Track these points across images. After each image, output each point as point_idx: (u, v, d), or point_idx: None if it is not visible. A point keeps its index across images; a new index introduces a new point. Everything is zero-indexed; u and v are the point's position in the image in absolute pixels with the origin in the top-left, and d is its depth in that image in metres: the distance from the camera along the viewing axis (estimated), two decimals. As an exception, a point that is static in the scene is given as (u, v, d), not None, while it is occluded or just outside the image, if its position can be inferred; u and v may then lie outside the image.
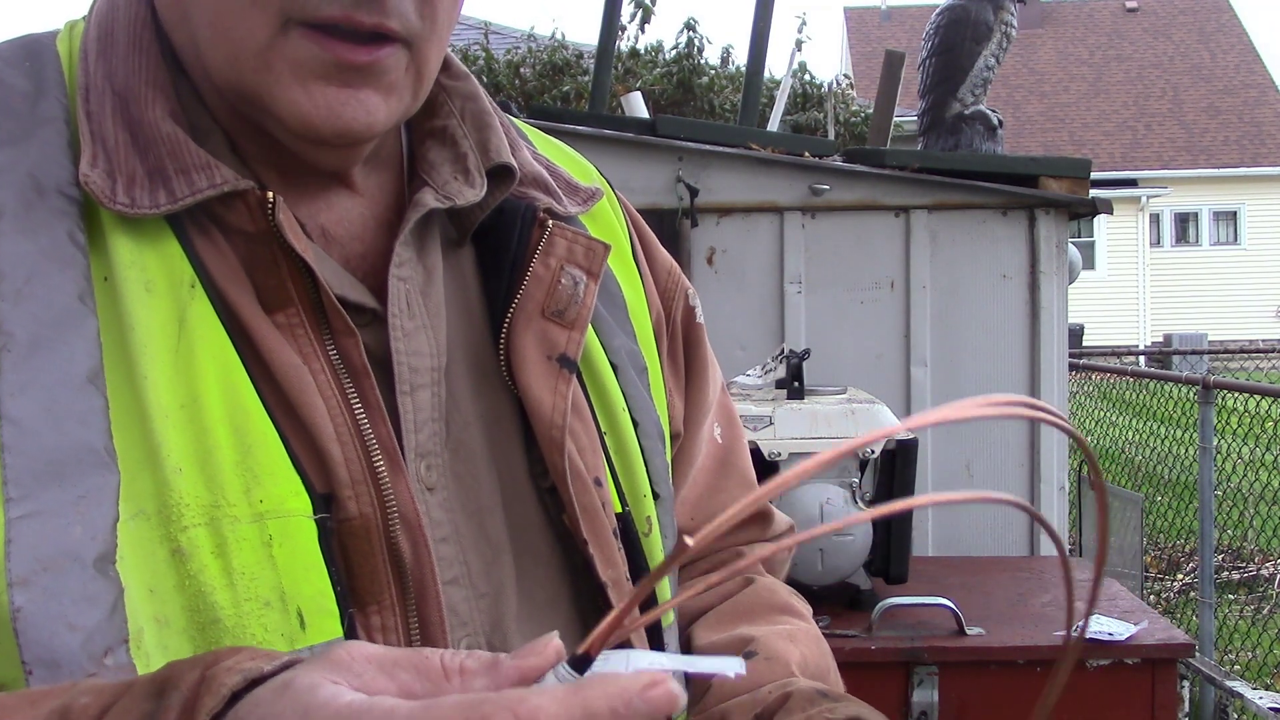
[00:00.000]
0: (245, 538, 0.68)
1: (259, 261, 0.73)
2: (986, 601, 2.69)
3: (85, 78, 0.74)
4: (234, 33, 0.70)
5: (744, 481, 1.05)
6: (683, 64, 10.69)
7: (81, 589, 0.64)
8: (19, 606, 0.63)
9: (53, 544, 0.65)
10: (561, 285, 0.84)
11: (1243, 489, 7.03)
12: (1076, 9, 30.51)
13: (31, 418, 0.67)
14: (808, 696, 0.88)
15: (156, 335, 0.70)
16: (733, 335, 3.44)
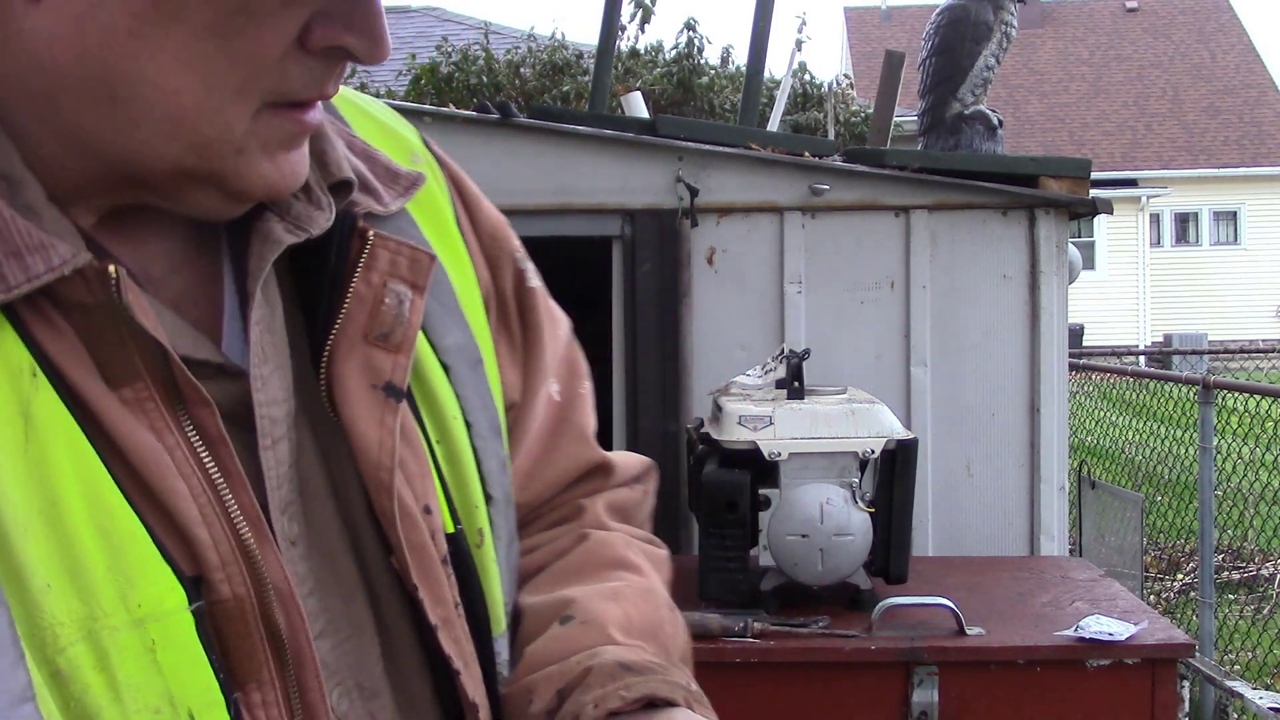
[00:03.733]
0: (127, 647, 0.65)
1: (99, 336, 0.68)
2: (986, 601, 2.69)
3: None
4: (210, 125, 0.68)
5: (579, 437, 1.01)
6: (683, 64, 10.68)
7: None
8: None
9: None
10: (385, 305, 0.79)
11: (1243, 489, 7.03)
12: (1076, 9, 30.50)
13: None
14: (608, 671, 0.85)
15: (2, 435, 0.63)
16: (733, 335, 3.44)
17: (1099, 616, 2.49)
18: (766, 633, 2.44)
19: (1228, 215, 26.25)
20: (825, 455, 2.58)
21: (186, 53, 0.66)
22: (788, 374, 2.74)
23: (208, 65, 0.67)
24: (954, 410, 3.44)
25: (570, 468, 1.00)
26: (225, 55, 0.67)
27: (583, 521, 0.99)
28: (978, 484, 3.45)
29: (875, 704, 2.43)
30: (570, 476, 1.01)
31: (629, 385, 3.42)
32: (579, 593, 0.92)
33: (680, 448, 3.21)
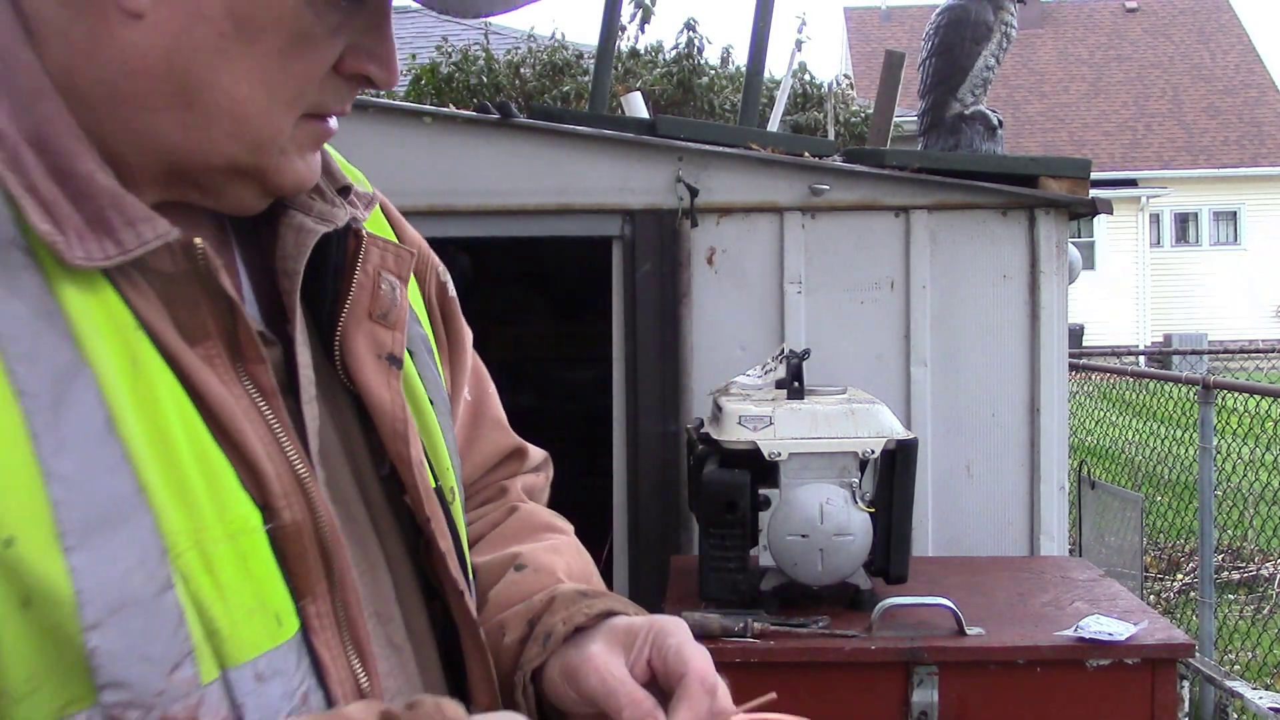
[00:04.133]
0: (226, 556, 0.78)
1: (178, 299, 0.81)
2: (986, 601, 2.69)
3: None
4: (263, 128, 0.82)
5: (497, 425, 1.20)
6: (683, 64, 10.68)
7: (145, 625, 0.74)
8: (94, 646, 0.72)
9: (116, 589, 0.73)
10: (382, 291, 0.95)
11: (1243, 489, 7.03)
12: (1076, 9, 30.50)
13: (74, 473, 0.73)
14: (569, 597, 1.02)
15: (120, 379, 0.76)
16: (733, 335, 3.44)
17: (1099, 616, 2.49)
18: (766, 633, 2.44)
19: (1228, 215, 26.25)
20: (825, 455, 2.58)
21: (257, 69, 0.81)
22: (788, 374, 2.74)
23: (271, 79, 0.82)
24: (954, 410, 3.44)
25: (492, 452, 1.20)
26: (285, 72, 0.82)
27: (508, 499, 1.19)
28: (978, 484, 3.45)
29: (875, 704, 2.43)
30: (493, 460, 1.20)
31: (629, 385, 3.42)
32: (524, 548, 1.10)
33: (680, 448, 3.21)
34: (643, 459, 3.38)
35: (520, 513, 1.17)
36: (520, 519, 1.16)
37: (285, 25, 0.81)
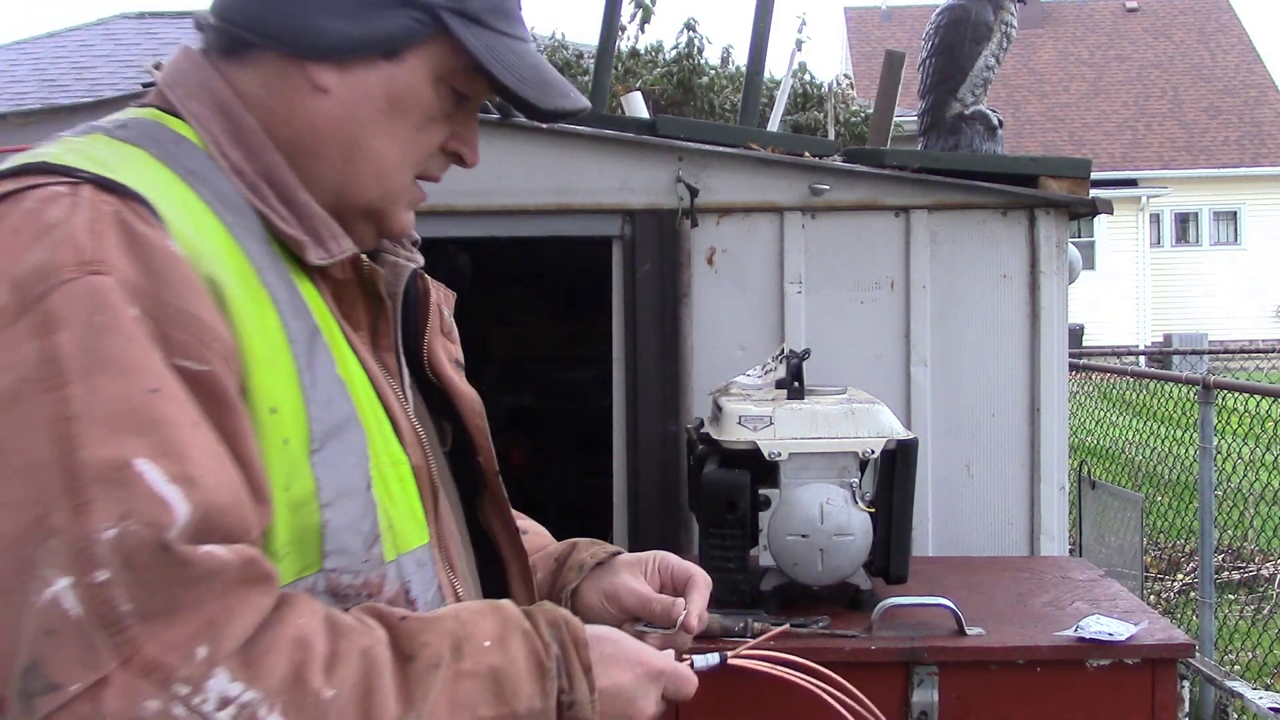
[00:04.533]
0: (394, 476, 1.11)
1: (344, 298, 1.13)
2: (986, 601, 2.69)
3: (230, 163, 1.09)
4: (395, 182, 1.16)
5: None
6: (683, 64, 10.68)
7: (359, 508, 1.05)
8: (326, 520, 1.02)
9: (343, 479, 1.04)
10: (444, 315, 1.30)
11: (1243, 489, 7.03)
12: (1076, 9, 30.50)
13: (321, 398, 1.04)
14: (587, 543, 1.39)
15: (332, 343, 1.08)
16: (733, 335, 3.44)
17: (1099, 616, 2.49)
18: (767, 633, 2.44)
19: (1228, 215, 26.24)
20: (825, 455, 2.58)
21: (399, 137, 1.14)
22: (788, 374, 2.74)
23: (406, 146, 1.15)
24: (954, 410, 3.44)
25: None
26: (414, 143, 1.15)
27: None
28: (978, 484, 3.45)
29: (875, 704, 2.42)
30: None
31: (629, 385, 3.42)
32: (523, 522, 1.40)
33: (680, 448, 3.21)
34: (643, 459, 3.38)
35: None
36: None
37: (421, 108, 1.14)
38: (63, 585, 0.83)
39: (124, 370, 0.89)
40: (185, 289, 0.95)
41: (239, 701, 0.86)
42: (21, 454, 0.87)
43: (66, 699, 0.82)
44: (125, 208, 0.96)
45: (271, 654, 0.89)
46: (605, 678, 1.08)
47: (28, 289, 0.90)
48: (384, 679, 0.94)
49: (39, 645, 0.83)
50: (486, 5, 1.13)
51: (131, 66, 12.29)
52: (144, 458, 0.87)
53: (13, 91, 11.58)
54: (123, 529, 0.85)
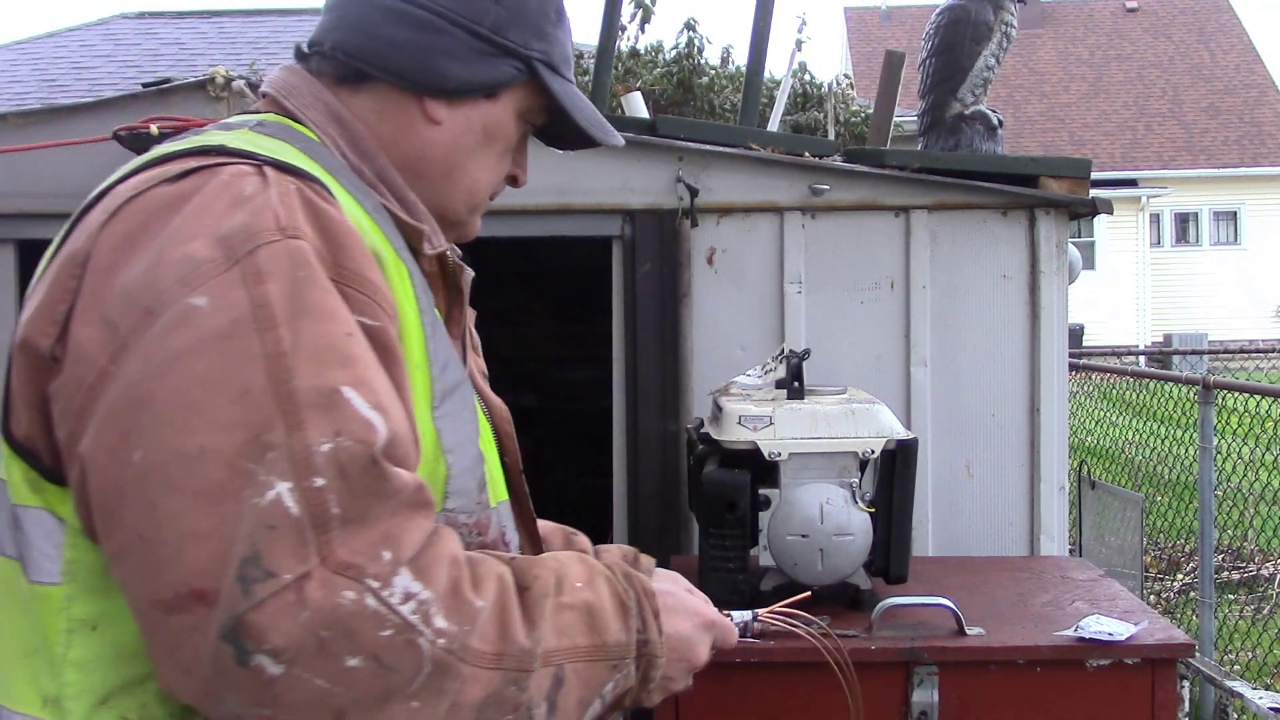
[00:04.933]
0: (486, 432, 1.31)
1: (433, 287, 1.29)
2: (986, 601, 2.69)
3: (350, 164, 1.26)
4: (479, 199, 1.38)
5: None
6: (683, 64, 10.66)
7: (472, 457, 1.24)
8: (450, 464, 1.20)
9: (460, 432, 1.22)
10: (473, 333, 1.46)
11: (1243, 489, 7.02)
12: (1076, 9, 30.49)
13: (442, 362, 1.22)
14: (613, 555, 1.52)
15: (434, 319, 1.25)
16: (733, 335, 3.44)
17: (1099, 616, 2.49)
18: (766, 633, 2.44)
19: (1228, 215, 26.24)
20: (825, 455, 2.57)
21: (488, 162, 1.37)
22: (788, 374, 2.74)
23: (492, 170, 1.38)
24: (954, 410, 3.44)
25: None
26: (497, 167, 1.38)
27: None
28: (978, 484, 3.45)
29: (875, 704, 2.42)
30: None
31: (629, 385, 3.42)
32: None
33: (680, 448, 3.21)
34: (643, 459, 3.38)
35: None
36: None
37: (505, 139, 1.37)
38: (284, 488, 0.98)
39: (324, 315, 1.05)
40: (360, 255, 1.12)
41: (418, 598, 1.01)
42: (234, 383, 1.01)
43: (279, 586, 0.97)
44: (306, 186, 1.13)
45: (436, 565, 1.04)
46: (670, 625, 1.24)
47: (235, 246, 1.05)
48: (513, 600, 1.10)
49: (260, 538, 0.97)
50: (561, 58, 1.38)
51: (131, 66, 12.29)
52: (348, 386, 1.03)
53: (13, 91, 11.58)
54: (337, 444, 1.01)
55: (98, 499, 1.04)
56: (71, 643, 1.10)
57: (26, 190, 3.40)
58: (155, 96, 3.44)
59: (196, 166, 1.12)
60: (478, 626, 1.05)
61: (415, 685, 1.01)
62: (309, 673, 0.97)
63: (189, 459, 0.99)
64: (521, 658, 1.07)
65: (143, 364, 1.02)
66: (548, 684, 1.10)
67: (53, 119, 3.45)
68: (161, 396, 1.01)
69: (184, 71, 7.98)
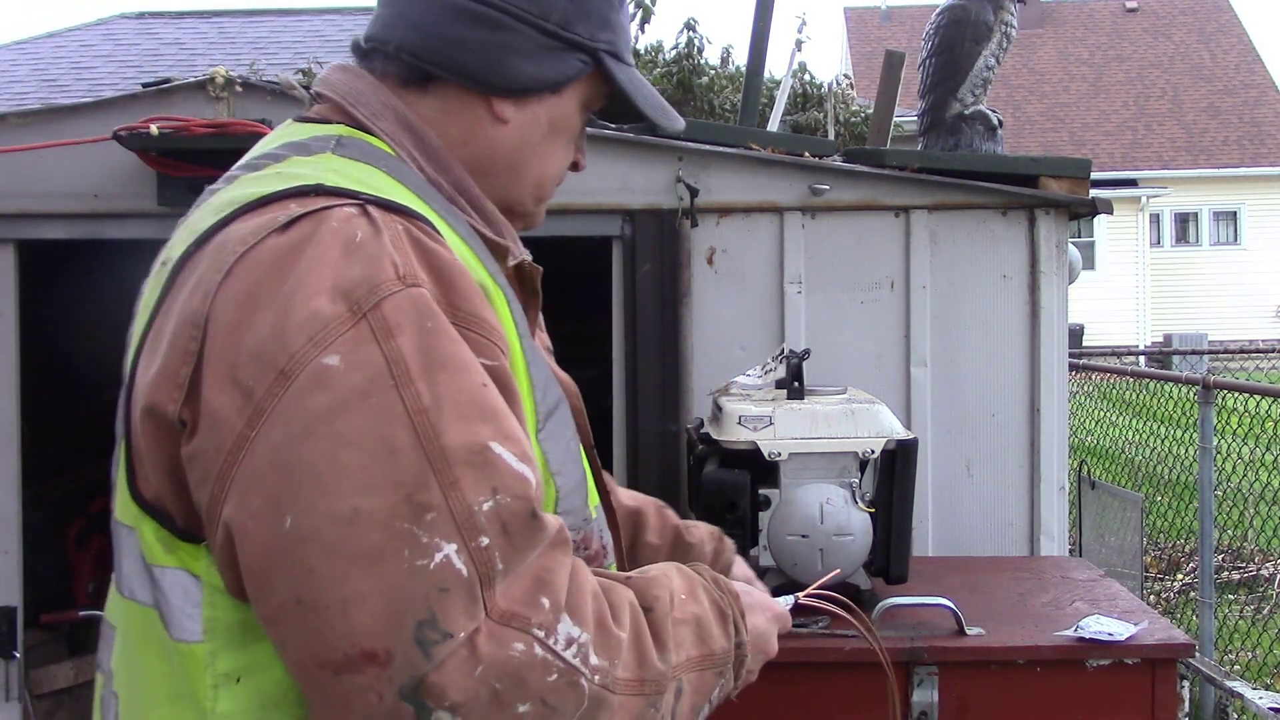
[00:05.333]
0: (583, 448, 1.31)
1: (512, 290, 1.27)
2: (986, 601, 2.69)
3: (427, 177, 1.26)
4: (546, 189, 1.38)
5: None
6: (683, 64, 10.67)
7: (577, 474, 1.25)
8: (559, 487, 1.21)
9: (564, 451, 1.24)
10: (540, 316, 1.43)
11: (1243, 489, 7.02)
12: (1076, 9, 30.48)
13: (542, 383, 1.23)
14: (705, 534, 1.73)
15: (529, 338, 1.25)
16: (733, 335, 3.44)
17: (1099, 616, 2.49)
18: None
19: (1228, 215, 26.23)
20: (825, 455, 2.57)
21: (554, 154, 1.36)
22: (788, 374, 2.74)
23: (558, 160, 1.38)
24: (954, 410, 3.44)
25: None
26: (562, 160, 1.38)
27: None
28: (978, 484, 3.45)
29: (875, 704, 2.42)
30: None
31: (629, 385, 3.42)
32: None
33: (680, 448, 3.21)
34: (643, 459, 3.38)
35: None
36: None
37: (570, 130, 1.36)
38: (451, 550, 1.00)
39: (459, 368, 1.06)
40: (472, 294, 1.12)
41: (579, 642, 1.05)
42: (380, 442, 1.01)
43: (456, 646, 0.99)
44: (413, 226, 1.12)
45: (584, 604, 1.07)
46: (752, 622, 1.30)
47: (360, 300, 1.04)
48: (644, 625, 1.14)
49: (435, 600, 0.99)
50: (625, 44, 1.37)
51: (131, 66, 12.29)
52: (495, 441, 1.05)
53: (13, 91, 11.58)
54: (497, 501, 1.03)
55: (248, 563, 1.04)
56: (219, 696, 1.11)
57: (26, 190, 3.40)
58: (155, 96, 3.44)
59: (302, 213, 1.10)
60: (622, 657, 1.09)
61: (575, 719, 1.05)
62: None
63: (343, 521, 1.00)
64: (659, 681, 1.13)
65: (284, 428, 1.02)
66: (672, 698, 1.15)
67: (53, 119, 3.45)
68: (307, 460, 1.01)
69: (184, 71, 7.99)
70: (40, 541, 3.92)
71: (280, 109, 3.43)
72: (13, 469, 3.53)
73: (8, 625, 3.51)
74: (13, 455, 3.53)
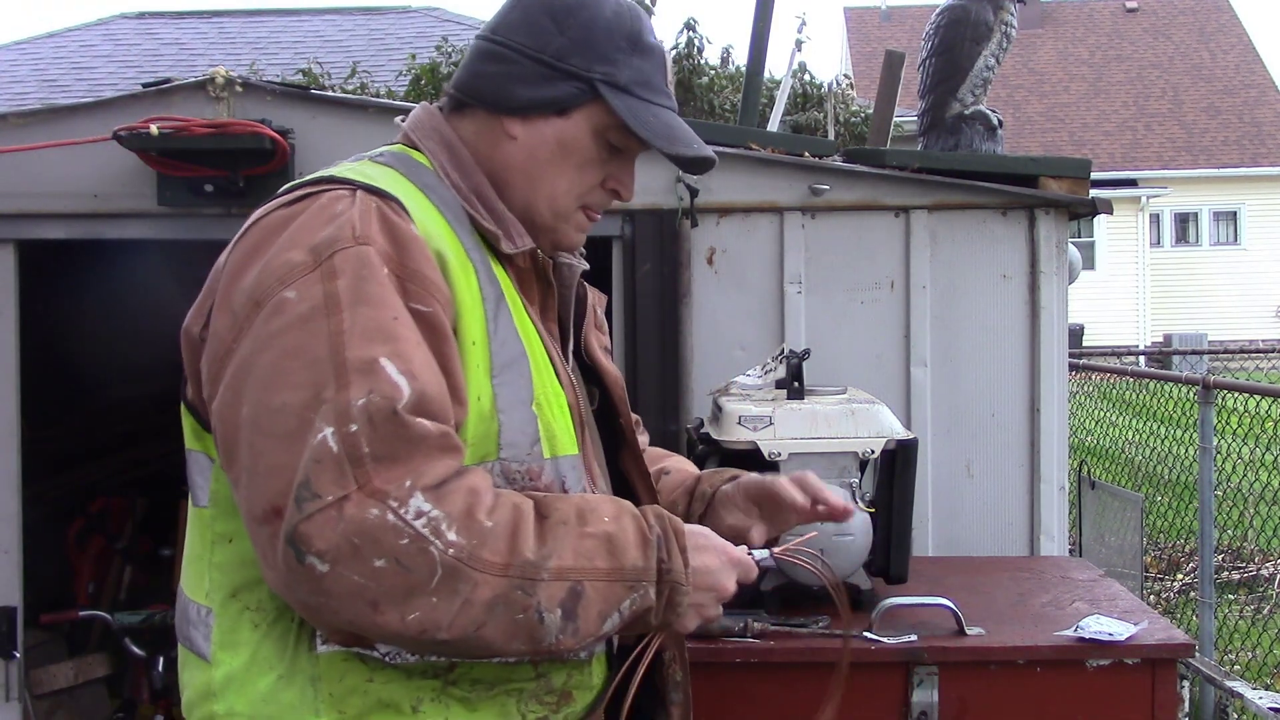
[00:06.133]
0: (557, 405, 1.54)
1: (523, 280, 1.58)
2: (986, 601, 2.69)
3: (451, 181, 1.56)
4: (561, 208, 1.61)
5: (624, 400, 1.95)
6: (683, 64, 10.67)
7: (524, 416, 1.48)
8: (502, 423, 1.46)
9: (513, 396, 1.47)
10: (597, 313, 1.78)
11: (1243, 489, 7.02)
12: (1076, 9, 30.48)
13: (502, 340, 1.48)
14: (710, 473, 1.87)
15: (512, 306, 1.52)
16: (733, 335, 3.44)
17: (1099, 616, 2.49)
18: (766, 633, 2.44)
19: (1228, 215, 26.22)
20: (825, 455, 2.58)
21: (564, 173, 1.59)
22: (788, 374, 2.74)
23: (570, 181, 1.60)
24: (954, 410, 3.44)
25: None
26: (576, 180, 1.60)
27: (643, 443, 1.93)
28: (978, 484, 3.45)
29: (875, 704, 2.42)
30: None
31: (629, 385, 3.41)
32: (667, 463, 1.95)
33: (680, 448, 3.21)
34: (643, 459, 3.38)
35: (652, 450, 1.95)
36: (654, 452, 1.97)
37: (581, 153, 1.59)
38: (329, 432, 1.29)
39: (377, 305, 1.35)
40: (420, 257, 1.41)
41: (429, 515, 1.29)
42: (308, 353, 1.32)
43: (322, 505, 1.27)
44: (384, 204, 1.43)
45: (454, 494, 1.32)
46: (697, 559, 1.48)
47: (320, 251, 1.37)
48: (527, 524, 1.36)
49: (310, 469, 1.28)
50: (634, 80, 1.58)
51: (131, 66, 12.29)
52: (385, 357, 1.32)
53: (13, 91, 11.58)
54: (369, 399, 1.30)
55: (221, 442, 1.39)
56: (215, 551, 1.50)
57: (26, 190, 3.40)
58: (155, 96, 3.44)
59: (306, 193, 1.46)
60: (488, 541, 1.32)
61: (433, 584, 1.29)
62: (347, 570, 1.27)
63: (274, 411, 1.32)
64: (526, 568, 1.34)
65: (251, 342, 1.36)
66: (562, 594, 1.36)
67: (53, 119, 3.45)
68: (261, 364, 1.34)
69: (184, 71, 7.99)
70: (40, 541, 3.92)
71: (280, 109, 3.43)
72: (13, 469, 3.53)
73: (8, 625, 3.51)
74: (13, 455, 3.53)
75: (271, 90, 3.48)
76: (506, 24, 1.60)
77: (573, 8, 1.58)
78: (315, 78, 10.26)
